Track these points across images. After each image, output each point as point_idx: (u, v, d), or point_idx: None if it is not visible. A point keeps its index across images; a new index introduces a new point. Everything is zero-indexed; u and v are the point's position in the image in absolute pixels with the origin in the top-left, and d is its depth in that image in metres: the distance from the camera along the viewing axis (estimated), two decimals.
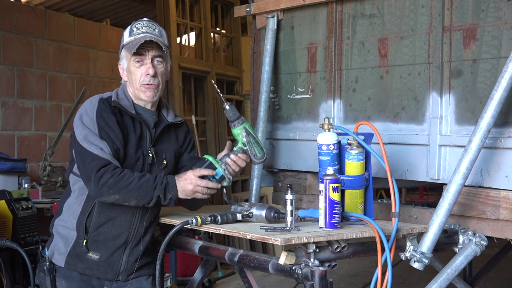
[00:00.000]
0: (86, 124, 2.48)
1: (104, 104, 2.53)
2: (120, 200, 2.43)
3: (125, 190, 2.40)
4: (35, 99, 6.10)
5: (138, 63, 2.54)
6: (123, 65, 2.61)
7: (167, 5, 6.95)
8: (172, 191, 2.46)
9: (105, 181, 2.38)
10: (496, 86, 2.41)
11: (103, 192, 2.40)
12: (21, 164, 5.29)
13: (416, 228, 2.49)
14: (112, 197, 2.42)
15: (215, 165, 2.52)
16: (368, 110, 3.10)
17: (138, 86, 2.55)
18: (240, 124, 2.49)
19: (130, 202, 2.45)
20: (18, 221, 4.05)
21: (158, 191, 2.44)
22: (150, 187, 2.43)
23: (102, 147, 2.43)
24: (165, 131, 2.67)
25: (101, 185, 2.39)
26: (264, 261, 2.39)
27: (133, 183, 2.41)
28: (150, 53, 2.54)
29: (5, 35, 5.77)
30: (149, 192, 2.43)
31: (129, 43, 2.53)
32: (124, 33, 2.61)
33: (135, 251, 2.62)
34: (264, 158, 2.56)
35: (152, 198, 2.43)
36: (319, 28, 3.35)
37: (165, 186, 2.45)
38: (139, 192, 2.42)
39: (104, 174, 2.39)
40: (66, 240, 2.59)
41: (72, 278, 2.59)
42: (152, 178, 2.45)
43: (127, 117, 2.57)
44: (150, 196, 2.43)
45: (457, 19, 2.73)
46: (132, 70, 2.56)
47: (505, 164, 2.52)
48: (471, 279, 4.01)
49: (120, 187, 2.39)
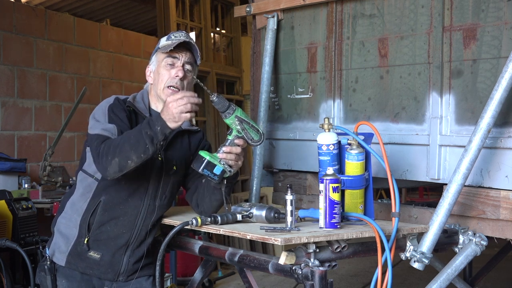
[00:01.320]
0: (97, 117, 2.53)
1: (119, 103, 2.57)
2: (123, 161, 2.35)
3: (118, 149, 2.34)
4: (35, 99, 6.10)
5: (169, 66, 2.57)
6: (152, 68, 2.64)
7: (167, 5, 6.96)
8: (158, 121, 2.32)
9: (101, 151, 2.38)
10: (496, 86, 2.41)
11: (105, 163, 2.38)
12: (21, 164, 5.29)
13: (416, 228, 2.49)
14: (114, 162, 2.35)
15: (213, 161, 2.43)
16: (368, 110, 3.10)
17: (162, 87, 2.57)
18: (232, 114, 2.39)
19: (131, 158, 2.34)
20: (18, 221, 4.05)
21: (144, 129, 2.33)
22: (137, 132, 2.35)
23: (104, 127, 2.46)
24: (178, 137, 2.67)
25: (101, 157, 2.39)
26: (264, 261, 2.39)
27: (122, 138, 2.37)
28: (183, 58, 2.58)
29: (5, 35, 5.77)
30: (138, 138, 2.33)
31: (166, 45, 2.58)
32: (160, 39, 2.65)
33: (136, 252, 2.62)
34: (261, 140, 2.47)
35: (146, 141, 2.31)
36: (319, 28, 3.35)
37: (148, 122, 2.35)
38: (130, 143, 2.33)
39: (100, 147, 2.40)
40: (67, 239, 2.59)
41: (73, 278, 2.60)
42: (137, 127, 2.39)
43: (141, 118, 2.59)
44: (142, 140, 2.32)
45: (457, 19, 2.73)
46: (161, 72, 2.58)
47: (505, 164, 2.52)
48: (471, 279, 4.01)
49: (114, 149, 2.36)
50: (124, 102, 2.59)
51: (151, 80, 2.65)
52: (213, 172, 2.44)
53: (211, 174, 2.44)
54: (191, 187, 2.71)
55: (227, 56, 8.29)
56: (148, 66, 2.67)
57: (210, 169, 2.44)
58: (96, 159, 2.42)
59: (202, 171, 2.43)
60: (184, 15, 7.39)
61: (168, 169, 2.61)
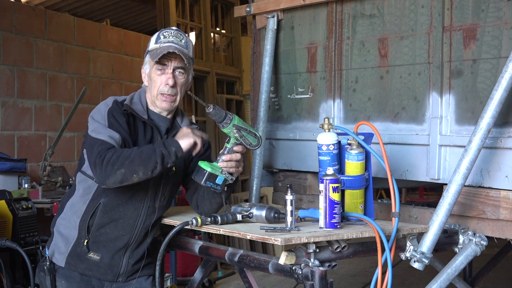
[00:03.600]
0: (97, 120, 2.50)
1: (118, 106, 2.54)
2: (128, 174, 2.36)
3: (128, 161, 2.35)
4: (35, 99, 6.10)
5: (160, 71, 2.55)
6: (146, 70, 2.62)
7: (167, 5, 6.96)
8: (173, 143, 2.39)
9: (108, 159, 2.36)
10: (496, 86, 2.41)
11: (109, 171, 2.36)
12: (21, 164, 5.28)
13: (416, 228, 2.49)
14: (119, 173, 2.36)
15: (214, 173, 2.44)
16: (368, 110, 3.10)
17: (156, 93, 2.56)
18: (229, 124, 2.41)
19: (138, 173, 2.36)
20: (18, 221, 4.04)
21: (159, 148, 2.37)
22: (150, 150, 2.38)
23: (110, 134, 2.44)
24: None
25: (105, 165, 2.36)
26: (264, 261, 2.39)
27: (134, 152, 2.37)
28: (172, 64, 2.54)
29: (5, 35, 5.77)
30: (151, 154, 2.36)
31: (154, 50, 2.54)
32: (151, 38, 2.61)
33: (135, 253, 2.63)
34: (260, 143, 2.50)
35: (157, 159, 2.36)
36: (319, 28, 3.35)
37: (163, 142, 2.40)
38: (141, 158, 2.36)
39: (106, 154, 2.38)
40: (66, 240, 2.59)
41: (72, 278, 2.59)
42: (151, 144, 2.43)
43: (139, 121, 2.57)
44: (153, 157, 2.36)
45: (457, 19, 2.73)
46: (153, 77, 2.56)
47: (505, 164, 2.52)
48: (471, 279, 4.01)
49: (123, 159, 2.36)
50: (122, 104, 2.56)
51: (146, 82, 2.63)
52: (215, 183, 2.46)
53: (214, 185, 2.46)
54: (190, 187, 2.71)
55: (227, 56, 8.29)
56: (142, 66, 2.64)
57: (213, 180, 2.46)
58: (99, 165, 2.38)
59: (204, 183, 2.45)
60: (184, 15, 7.39)
61: (168, 170, 2.61)
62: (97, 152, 2.40)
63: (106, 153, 2.38)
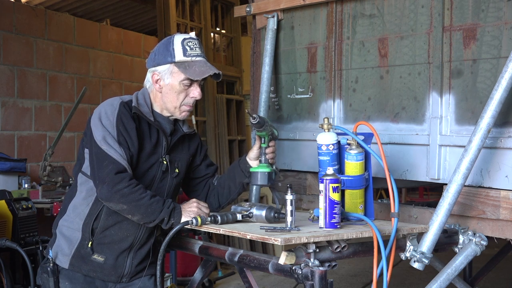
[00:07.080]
0: (105, 126, 2.47)
1: (126, 109, 2.51)
2: (125, 211, 2.44)
3: (135, 204, 2.41)
4: (35, 99, 6.10)
5: (187, 86, 2.56)
6: (165, 79, 2.55)
7: (167, 5, 6.96)
8: (177, 216, 2.47)
9: (120, 188, 2.39)
10: (496, 86, 2.41)
11: (114, 198, 2.40)
12: (21, 164, 5.29)
13: (416, 228, 2.49)
14: (120, 206, 2.42)
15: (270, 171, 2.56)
16: (368, 110, 3.10)
17: (178, 105, 2.57)
18: (268, 125, 2.54)
19: (133, 216, 2.45)
20: (18, 221, 4.04)
21: (164, 213, 2.46)
22: (158, 208, 2.45)
23: (120, 152, 2.44)
24: (180, 140, 2.69)
25: (115, 191, 2.39)
26: (264, 261, 2.39)
27: (145, 199, 2.42)
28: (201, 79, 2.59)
29: (5, 35, 5.77)
30: (155, 212, 2.44)
31: (186, 64, 2.52)
32: (173, 46, 2.53)
33: (139, 254, 2.64)
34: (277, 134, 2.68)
35: (156, 219, 2.45)
36: (319, 28, 3.35)
37: (171, 210, 2.47)
38: (146, 210, 2.43)
39: (121, 181, 2.39)
40: (70, 242, 2.58)
41: (76, 280, 2.59)
42: (162, 200, 2.48)
43: (144, 123, 2.57)
44: (155, 216, 2.45)
45: (457, 19, 2.73)
46: (178, 89, 2.55)
47: (505, 164, 2.52)
48: (471, 279, 4.01)
49: (132, 199, 2.41)
50: (130, 107, 2.53)
51: (158, 88, 2.57)
52: (272, 179, 2.60)
53: (273, 181, 2.60)
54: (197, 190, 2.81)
55: (227, 56, 8.29)
56: (156, 71, 2.56)
57: (271, 177, 2.59)
58: (108, 186, 2.39)
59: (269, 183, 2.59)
60: (184, 15, 7.38)
61: (172, 171, 2.63)
62: (108, 170, 2.41)
63: (121, 179, 2.40)
